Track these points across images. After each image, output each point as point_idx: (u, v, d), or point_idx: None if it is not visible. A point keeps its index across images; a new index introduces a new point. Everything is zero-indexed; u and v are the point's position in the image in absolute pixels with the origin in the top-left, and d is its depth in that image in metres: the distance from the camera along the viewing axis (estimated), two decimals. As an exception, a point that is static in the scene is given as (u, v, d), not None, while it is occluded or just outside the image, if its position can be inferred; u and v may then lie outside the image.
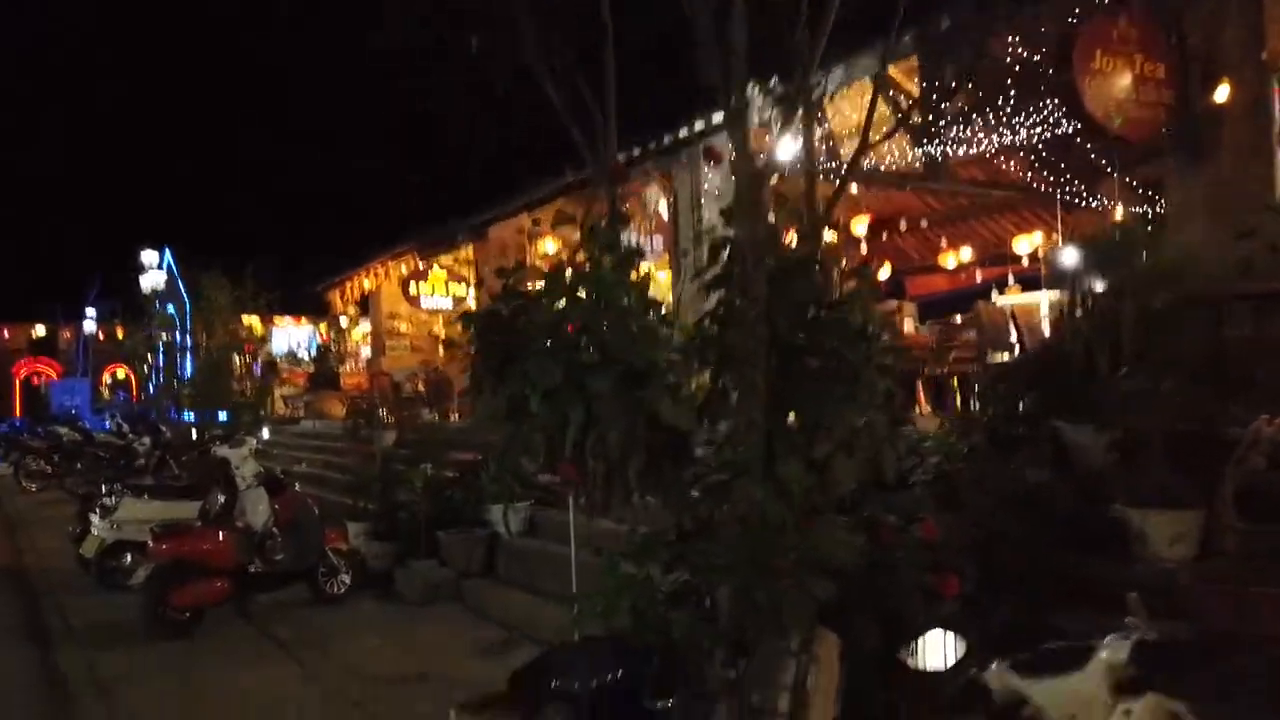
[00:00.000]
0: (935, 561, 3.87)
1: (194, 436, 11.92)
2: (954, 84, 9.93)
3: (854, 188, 12.29)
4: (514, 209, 14.05)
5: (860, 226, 13.34)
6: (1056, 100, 8.37)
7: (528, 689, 3.65)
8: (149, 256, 19.05)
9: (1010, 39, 8.46)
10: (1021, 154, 12.41)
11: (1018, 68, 8.98)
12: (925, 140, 11.51)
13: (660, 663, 3.58)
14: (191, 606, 6.64)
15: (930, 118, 10.56)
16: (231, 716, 5.17)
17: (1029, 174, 12.89)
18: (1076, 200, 13.52)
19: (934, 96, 10.13)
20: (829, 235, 13.67)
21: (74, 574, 8.35)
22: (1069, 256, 12.08)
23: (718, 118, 9.55)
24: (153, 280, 18.31)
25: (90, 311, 30.37)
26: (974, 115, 11.00)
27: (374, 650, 6.35)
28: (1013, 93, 10.63)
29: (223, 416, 17.62)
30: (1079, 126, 8.03)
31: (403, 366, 17.14)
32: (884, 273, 16.23)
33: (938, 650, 3.78)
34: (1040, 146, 11.87)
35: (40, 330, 51.66)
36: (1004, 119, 11.07)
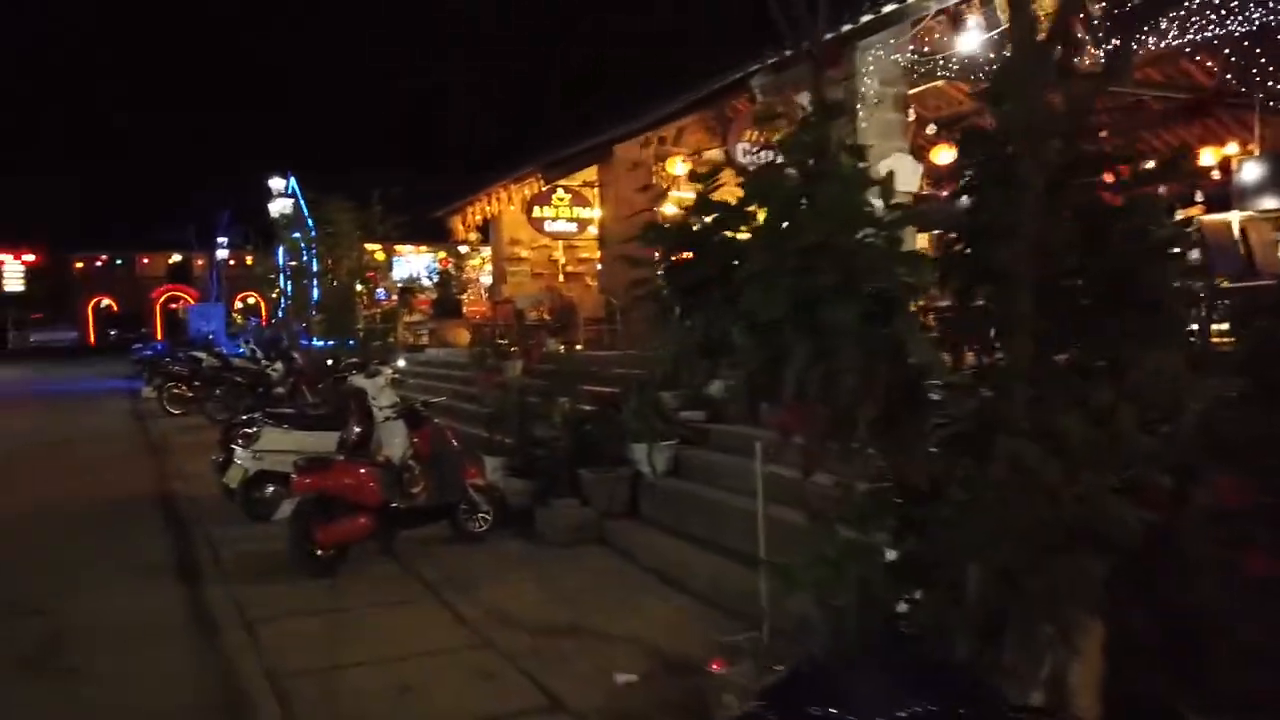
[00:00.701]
0: (1228, 533, 3.13)
1: (328, 364, 11.82)
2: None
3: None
4: (640, 127, 13.32)
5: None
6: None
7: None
8: (276, 183, 19.16)
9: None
10: (1215, 49, 10.93)
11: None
12: (1109, 33, 10.18)
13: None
14: (336, 544, 6.42)
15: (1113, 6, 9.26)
16: (383, 663, 4.86)
17: (1223, 73, 11.37)
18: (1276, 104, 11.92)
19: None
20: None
21: (219, 503, 8.32)
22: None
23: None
24: (280, 206, 18.41)
25: (222, 239, 31.25)
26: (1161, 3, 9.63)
27: (522, 595, 5.99)
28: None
29: (350, 343, 17.78)
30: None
31: (525, 293, 16.81)
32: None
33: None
34: (1236, 39, 10.39)
35: (176, 258, 54.25)
36: (1195, 6, 9.66)
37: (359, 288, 15.18)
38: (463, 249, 24.15)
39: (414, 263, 25.63)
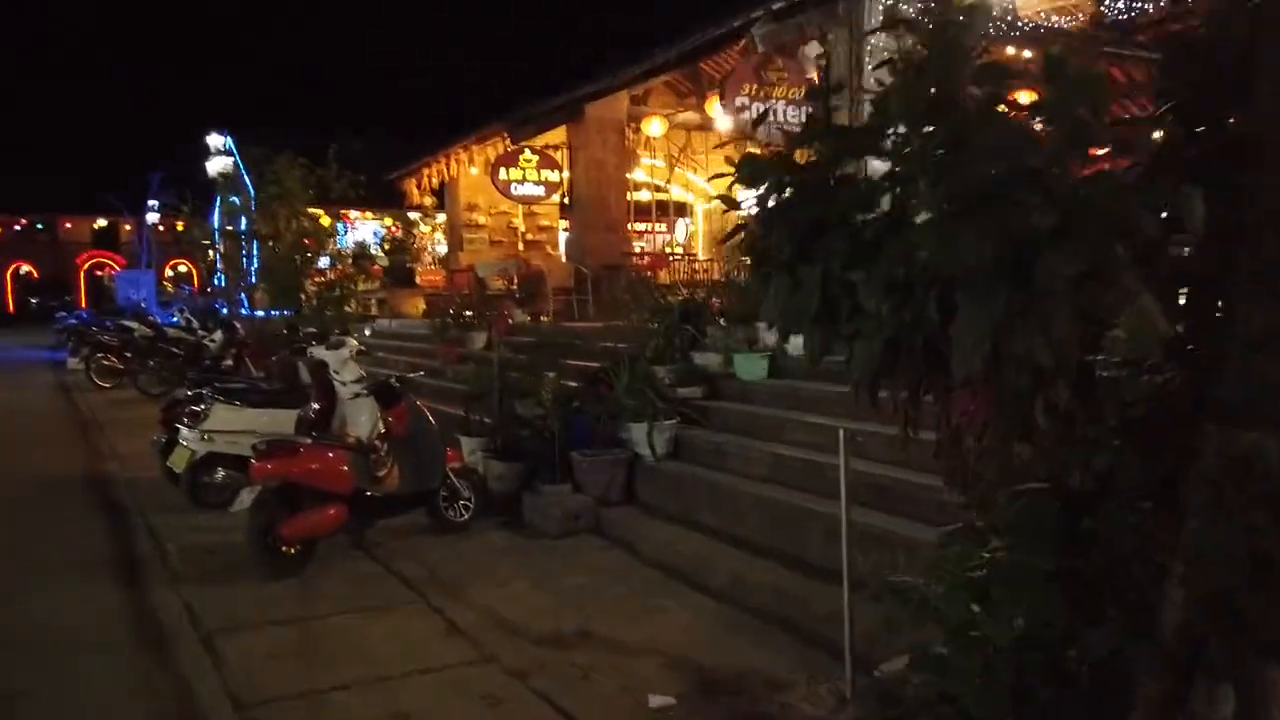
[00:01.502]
0: None
1: (282, 333, 10.81)
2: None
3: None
4: (616, 84, 12.54)
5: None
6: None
7: None
8: (214, 140, 17.89)
9: None
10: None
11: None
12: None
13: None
14: (303, 538, 5.62)
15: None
16: (371, 686, 4.14)
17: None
18: None
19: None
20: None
21: (161, 487, 7.44)
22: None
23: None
24: (218, 165, 17.18)
25: (153, 202, 29.53)
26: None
27: (518, 597, 5.29)
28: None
29: (292, 312, 16.69)
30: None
31: (487, 261, 15.94)
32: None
33: None
34: None
35: (101, 222, 51.54)
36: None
37: (300, 256, 14.17)
38: (413, 215, 23.06)
39: (360, 230, 24.43)
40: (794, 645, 4.52)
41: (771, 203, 2.60)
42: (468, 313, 12.82)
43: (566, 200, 13.79)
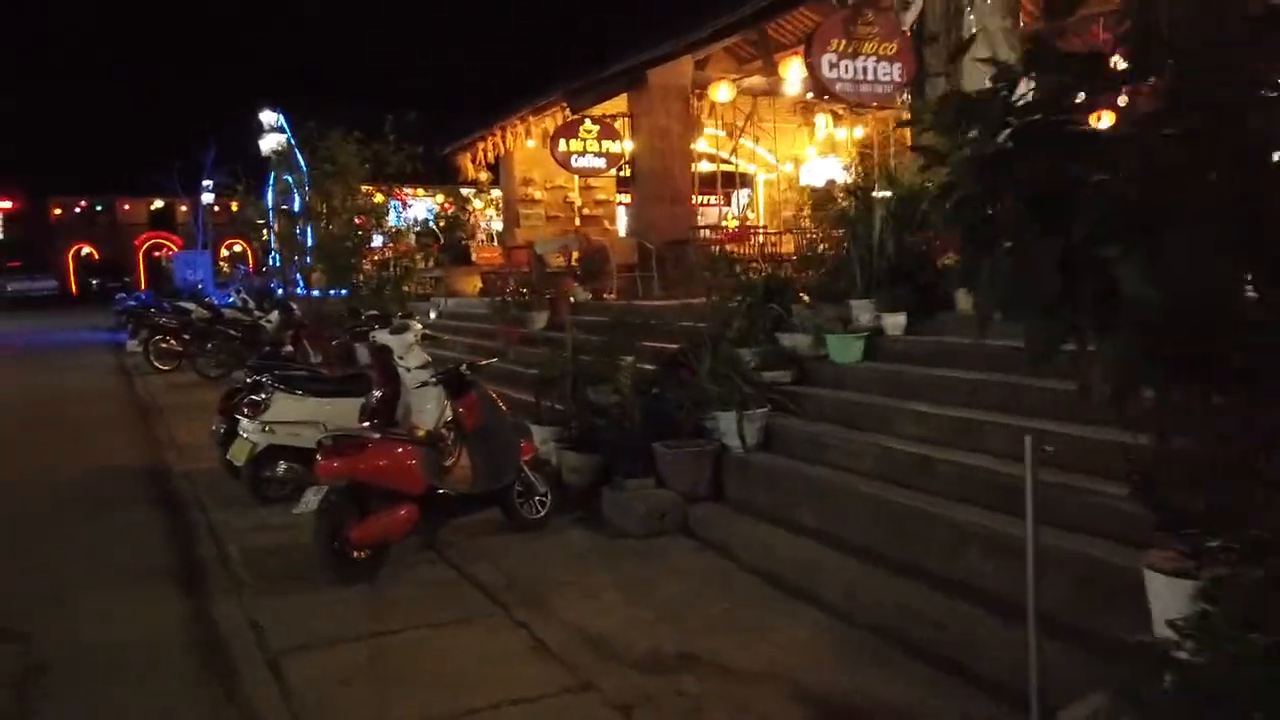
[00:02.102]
0: None
1: (344, 316, 10.38)
2: None
3: None
4: (679, 48, 11.86)
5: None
6: None
7: None
8: (267, 117, 17.59)
9: None
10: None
11: None
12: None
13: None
14: (374, 542, 5.19)
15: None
16: (457, 712, 3.68)
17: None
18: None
19: None
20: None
21: (220, 480, 7.10)
22: None
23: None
24: (271, 142, 16.87)
25: (207, 182, 29.54)
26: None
27: (609, 609, 4.80)
28: None
29: (346, 292, 16.40)
30: None
31: (546, 238, 15.46)
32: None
33: None
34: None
35: (159, 203, 52.19)
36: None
37: (355, 234, 13.81)
38: (466, 191, 22.64)
39: (414, 207, 24.12)
40: (927, 673, 3.97)
41: (988, 153, 2.01)
42: (524, 291, 12.36)
43: (628, 172, 13.20)
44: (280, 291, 20.22)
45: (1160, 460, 2.79)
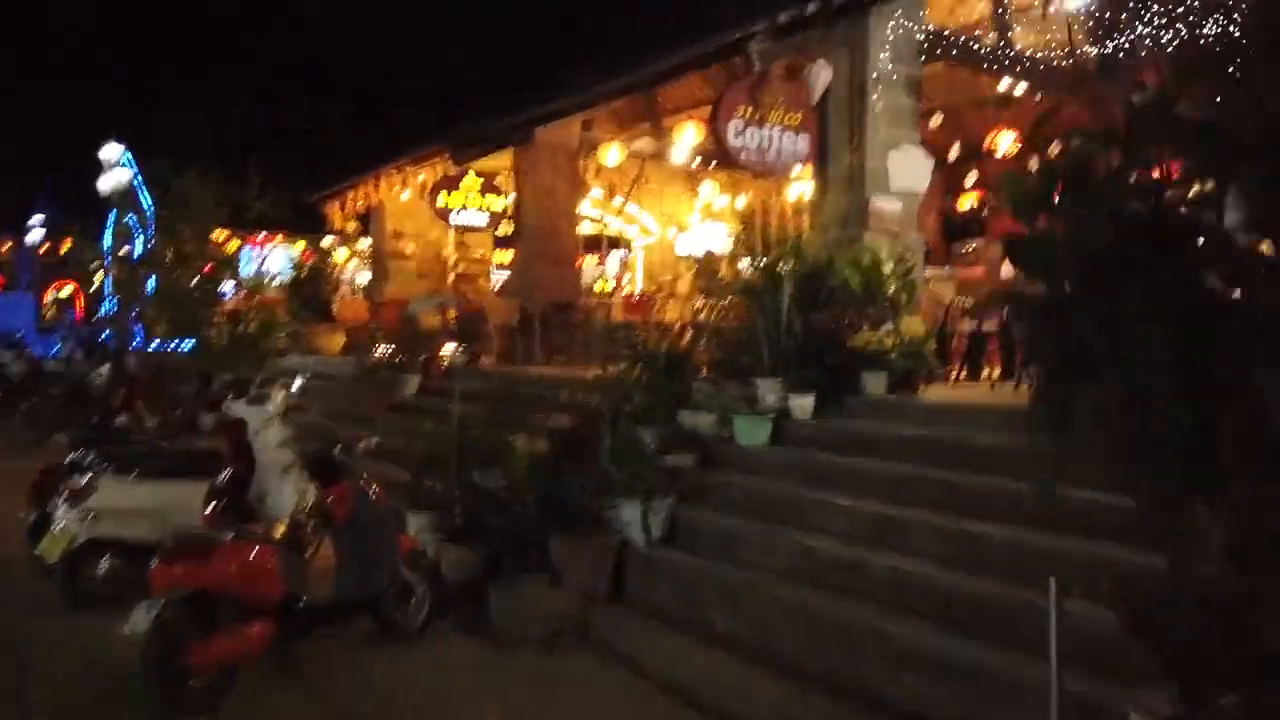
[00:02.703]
0: None
1: (193, 376, 9.10)
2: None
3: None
4: (566, 107, 11.46)
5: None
6: None
7: None
8: (109, 152, 16.05)
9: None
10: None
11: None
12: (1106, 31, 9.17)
13: None
14: (220, 665, 4.30)
15: None
16: None
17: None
18: None
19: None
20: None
21: (26, 577, 5.95)
22: None
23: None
24: (113, 180, 15.37)
25: (36, 218, 26.95)
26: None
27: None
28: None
29: (191, 344, 15.01)
30: None
31: (416, 296, 14.64)
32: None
33: None
34: None
35: (-22, 239, 47.60)
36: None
37: (203, 282, 12.61)
38: (328, 240, 21.45)
39: (271, 255, 22.63)
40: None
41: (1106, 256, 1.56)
42: (395, 352, 11.52)
43: (508, 230, 12.63)
44: (111, 341, 18.45)
45: (1176, 588, 2.41)
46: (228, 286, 16.02)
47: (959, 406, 6.00)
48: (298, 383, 6.61)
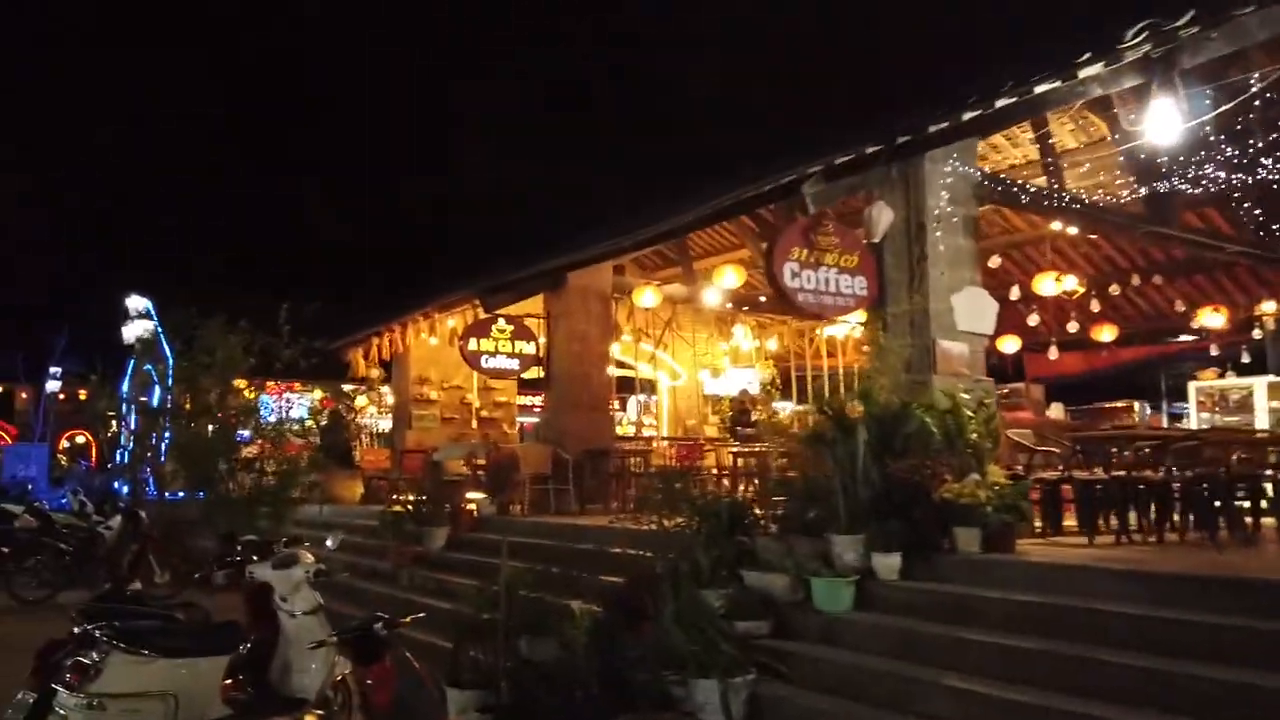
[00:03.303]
0: None
1: (218, 542, 8.48)
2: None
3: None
4: (602, 252, 11.31)
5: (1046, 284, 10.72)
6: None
7: None
8: (134, 302, 16.00)
9: None
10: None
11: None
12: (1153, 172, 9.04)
13: None
14: None
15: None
16: None
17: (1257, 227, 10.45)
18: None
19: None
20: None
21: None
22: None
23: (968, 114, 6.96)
24: (138, 330, 15.21)
25: (55, 369, 26.92)
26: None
27: None
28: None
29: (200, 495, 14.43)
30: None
31: (445, 443, 14.20)
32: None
33: None
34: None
35: (-4, 389, 47.81)
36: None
37: (225, 433, 12.19)
38: (348, 387, 21.18)
39: (291, 404, 22.33)
40: None
41: None
42: (422, 501, 10.91)
43: (537, 374, 12.29)
44: (125, 490, 17.88)
45: None
46: (243, 433, 15.63)
47: (1069, 566, 5.38)
48: (330, 542, 6.04)
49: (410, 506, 10.96)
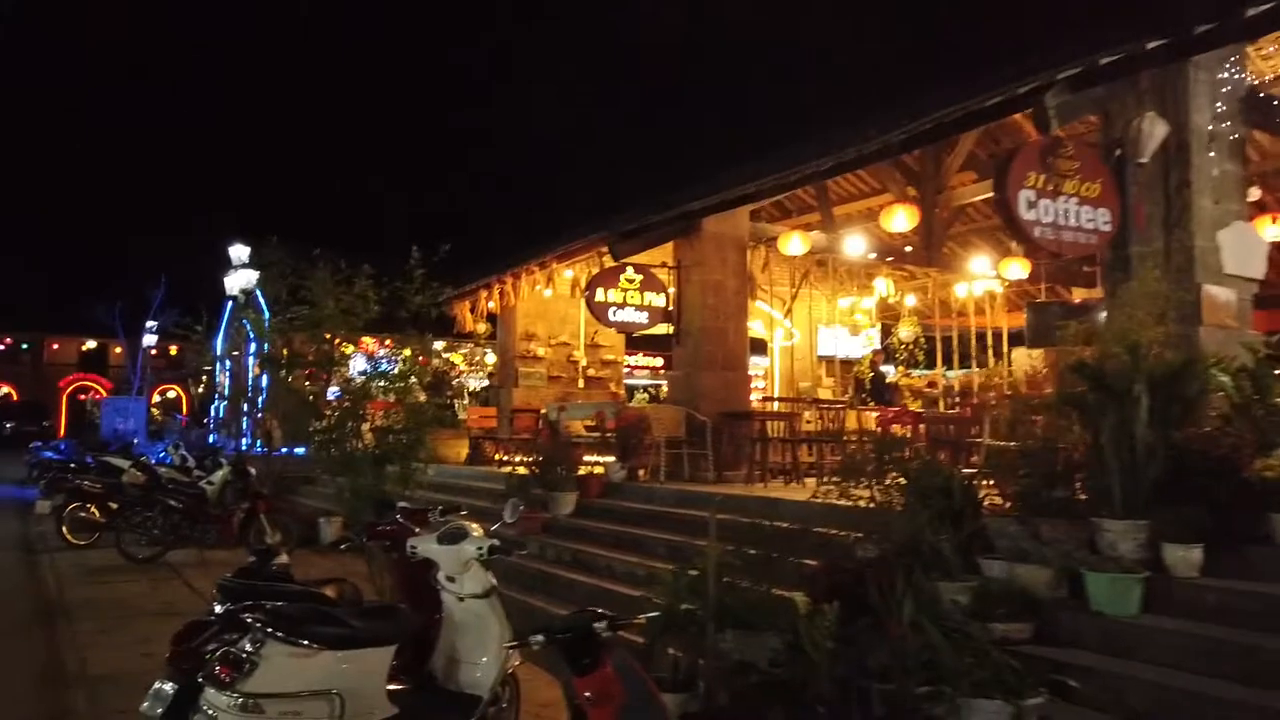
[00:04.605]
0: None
1: (378, 509, 7.59)
2: None
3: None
4: (740, 195, 10.19)
5: None
6: None
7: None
8: (237, 251, 15.44)
9: None
10: None
11: None
12: None
13: None
14: None
15: None
16: None
17: None
18: None
19: None
20: None
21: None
22: None
23: None
24: (240, 280, 14.66)
25: (152, 323, 26.90)
26: None
27: None
28: None
29: (299, 451, 13.93)
30: None
31: (572, 403, 13.38)
32: None
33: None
34: None
35: (90, 344, 48.80)
36: None
37: (307, 385, 11.50)
38: (438, 344, 20.53)
39: (384, 360, 21.79)
40: None
41: None
42: (555, 464, 10.09)
43: (671, 330, 11.31)
44: (229, 448, 17.58)
45: None
46: (333, 392, 15.03)
47: None
48: (508, 514, 5.15)
49: (531, 469, 10.17)
